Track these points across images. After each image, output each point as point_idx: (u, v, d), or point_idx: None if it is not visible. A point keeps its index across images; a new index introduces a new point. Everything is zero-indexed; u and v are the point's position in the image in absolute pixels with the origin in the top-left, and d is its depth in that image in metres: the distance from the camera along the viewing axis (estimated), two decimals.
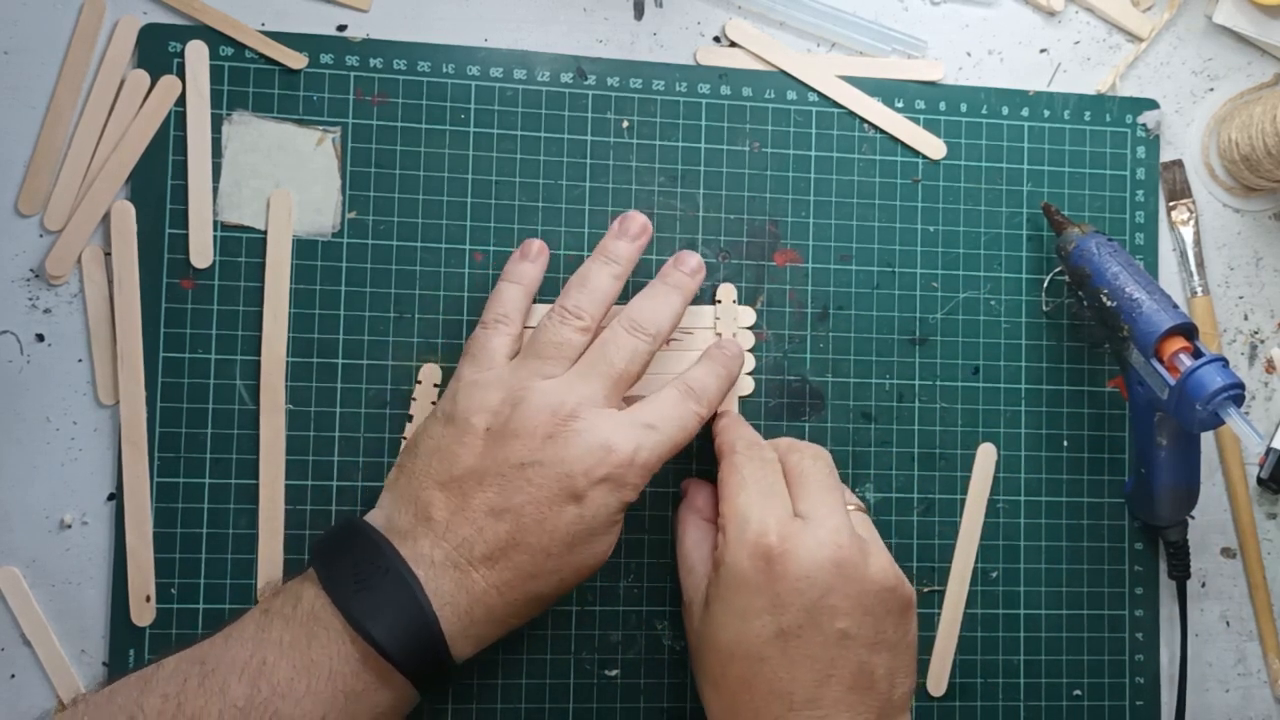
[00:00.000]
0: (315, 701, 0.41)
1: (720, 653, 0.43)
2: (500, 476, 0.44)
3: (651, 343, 0.48)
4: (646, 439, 0.45)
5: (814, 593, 0.42)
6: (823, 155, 0.55)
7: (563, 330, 0.47)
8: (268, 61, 0.51)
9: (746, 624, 0.43)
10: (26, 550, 0.49)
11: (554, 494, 0.43)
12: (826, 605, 0.42)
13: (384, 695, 0.43)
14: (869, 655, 0.43)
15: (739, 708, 0.43)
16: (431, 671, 0.43)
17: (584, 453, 0.43)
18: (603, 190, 0.53)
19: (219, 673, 0.41)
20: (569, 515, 0.43)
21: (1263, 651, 0.58)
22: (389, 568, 0.43)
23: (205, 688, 0.41)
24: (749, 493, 0.45)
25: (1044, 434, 0.56)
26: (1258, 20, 0.58)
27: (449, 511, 0.44)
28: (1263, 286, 0.59)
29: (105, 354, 0.50)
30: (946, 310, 0.56)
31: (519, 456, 0.44)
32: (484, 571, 0.43)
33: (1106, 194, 0.57)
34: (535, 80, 0.53)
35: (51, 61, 0.50)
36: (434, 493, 0.44)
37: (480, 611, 0.43)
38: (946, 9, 0.57)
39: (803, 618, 0.42)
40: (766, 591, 0.42)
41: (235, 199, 0.51)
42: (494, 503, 0.43)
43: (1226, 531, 0.58)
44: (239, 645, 0.42)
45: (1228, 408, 0.47)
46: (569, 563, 0.44)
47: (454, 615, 0.43)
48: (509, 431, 0.44)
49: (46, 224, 0.50)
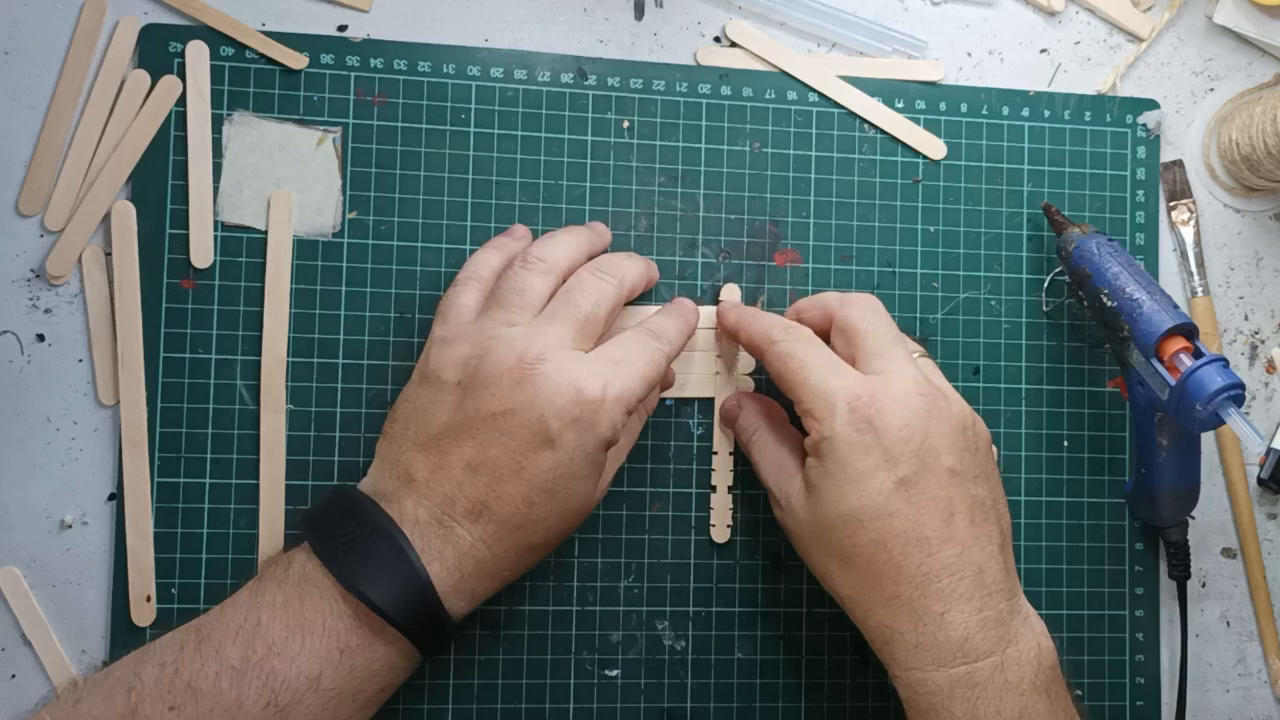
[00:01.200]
0: (311, 658, 0.41)
1: (846, 524, 0.44)
2: (475, 430, 0.43)
3: (618, 286, 0.47)
4: (615, 375, 0.44)
5: (917, 438, 0.44)
6: (823, 155, 0.55)
7: (526, 276, 0.47)
8: (268, 62, 0.51)
9: (865, 486, 0.43)
10: (27, 550, 0.49)
11: (528, 440, 0.43)
12: (931, 447, 0.44)
13: (380, 652, 0.43)
14: (975, 487, 0.45)
15: (879, 568, 0.44)
16: (426, 627, 0.43)
17: (553, 394, 0.43)
18: (603, 190, 0.53)
19: (214, 637, 0.42)
20: (545, 461, 0.43)
21: (1263, 651, 0.58)
22: (375, 526, 0.43)
23: (201, 651, 0.41)
24: (816, 370, 0.46)
25: (1044, 434, 0.56)
26: (1258, 20, 0.58)
27: (429, 470, 0.44)
28: (1263, 286, 0.59)
29: (106, 354, 0.50)
30: (946, 310, 0.56)
31: (490, 407, 0.43)
32: (468, 526, 0.43)
33: (1107, 194, 0.57)
34: (535, 80, 0.53)
35: (52, 62, 0.50)
36: (414, 455, 0.44)
37: (470, 565, 0.44)
38: (947, 9, 0.57)
39: (915, 463, 0.44)
40: (875, 450, 0.44)
41: (236, 199, 0.51)
42: (471, 457, 0.43)
43: (1227, 531, 0.58)
44: (234, 611, 0.43)
45: (1228, 408, 0.47)
46: (554, 510, 0.44)
47: (443, 570, 0.43)
48: (478, 383, 0.44)
49: (47, 224, 0.50)
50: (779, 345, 0.47)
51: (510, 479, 0.43)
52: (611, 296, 0.47)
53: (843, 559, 0.45)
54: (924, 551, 0.43)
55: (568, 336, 0.45)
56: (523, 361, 0.44)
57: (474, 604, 0.45)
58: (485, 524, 0.43)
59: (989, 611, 0.43)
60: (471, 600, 0.45)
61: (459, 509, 0.43)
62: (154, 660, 0.42)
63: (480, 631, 0.52)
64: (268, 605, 0.42)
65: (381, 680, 0.44)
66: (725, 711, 0.53)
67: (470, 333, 0.46)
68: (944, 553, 0.43)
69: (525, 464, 0.43)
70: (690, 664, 0.53)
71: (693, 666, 0.53)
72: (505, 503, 0.43)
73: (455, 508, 0.43)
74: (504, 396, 0.43)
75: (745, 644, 0.53)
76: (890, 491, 0.43)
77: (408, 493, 0.44)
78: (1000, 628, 0.43)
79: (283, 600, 0.42)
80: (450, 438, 0.44)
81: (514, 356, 0.44)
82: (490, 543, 0.44)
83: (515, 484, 0.43)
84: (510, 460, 0.43)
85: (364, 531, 0.43)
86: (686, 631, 0.53)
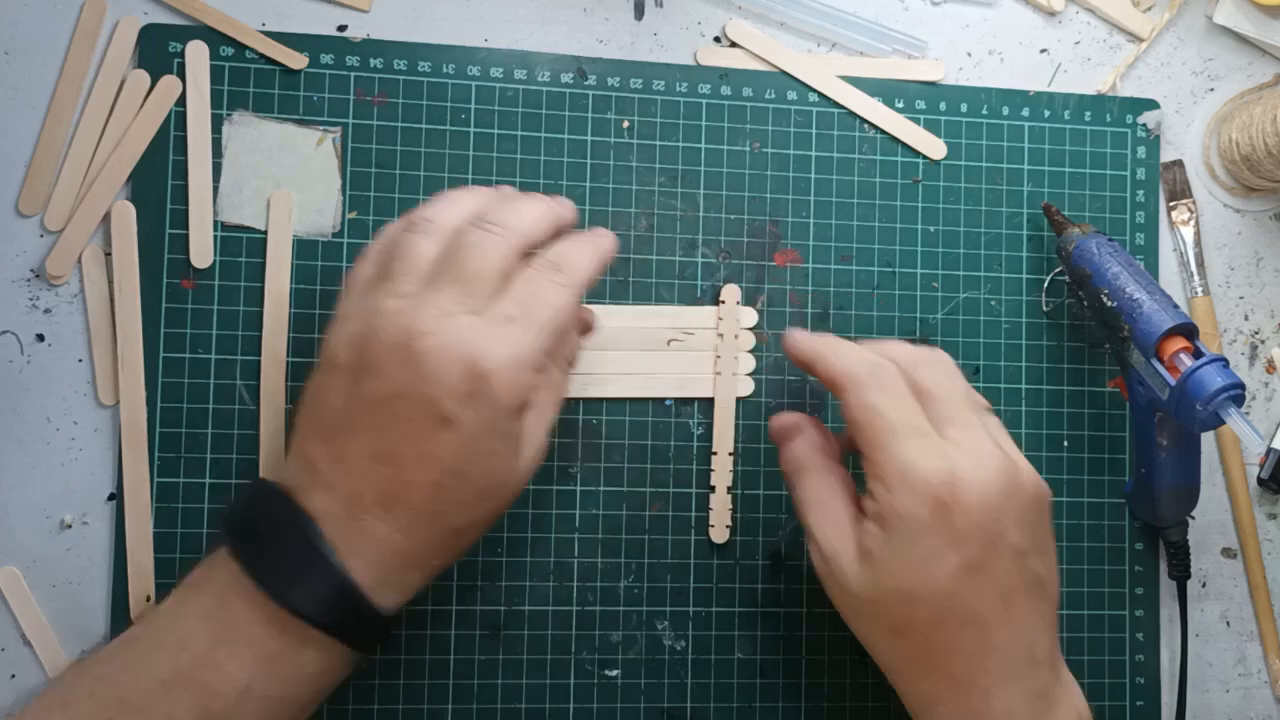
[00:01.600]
0: (239, 667, 0.40)
1: (904, 600, 0.42)
2: (368, 417, 0.40)
3: (506, 235, 0.42)
4: (509, 336, 0.40)
5: (990, 523, 0.41)
6: (823, 155, 0.55)
7: (410, 240, 0.42)
8: (268, 62, 0.51)
9: (929, 566, 0.41)
10: (27, 550, 0.49)
11: (423, 425, 0.40)
12: (1000, 529, 0.42)
13: (310, 656, 0.41)
14: (1036, 564, 0.43)
15: (933, 646, 0.42)
16: (356, 626, 0.41)
17: (442, 372, 0.39)
18: (603, 190, 0.53)
19: (143, 649, 0.41)
20: (447, 444, 0.40)
21: (1263, 651, 0.58)
22: (290, 524, 0.41)
23: (131, 665, 0.41)
24: (900, 437, 0.42)
25: (1044, 434, 0.56)
26: (1258, 20, 0.58)
27: (331, 462, 0.41)
28: (1263, 287, 0.59)
29: (105, 354, 0.50)
30: (946, 310, 0.56)
31: (379, 391, 0.40)
32: (381, 517, 0.41)
33: (1107, 194, 0.57)
34: (535, 80, 0.53)
35: (52, 62, 0.50)
36: (316, 446, 0.42)
37: (390, 558, 0.41)
38: (947, 9, 0.57)
39: (984, 547, 0.41)
40: (945, 533, 0.41)
41: (235, 199, 0.51)
42: (370, 447, 0.40)
43: (1227, 532, 0.58)
44: (161, 620, 0.42)
45: (1228, 408, 0.47)
46: (469, 491, 0.41)
47: (364, 565, 0.41)
48: (364, 366, 0.40)
49: (47, 224, 0.50)
50: (865, 395, 0.43)
51: (413, 466, 0.40)
52: (500, 248, 0.42)
53: (893, 631, 0.43)
54: (981, 632, 0.42)
55: (455, 302, 0.41)
56: (407, 338, 0.40)
57: (409, 595, 0.43)
58: (398, 514, 0.41)
59: (1035, 685, 0.42)
60: (404, 591, 0.43)
61: (367, 501, 0.41)
62: (88, 674, 0.41)
63: (480, 632, 0.52)
64: (194, 613, 0.41)
65: (316, 683, 0.42)
66: (725, 711, 0.53)
67: (360, 308, 0.42)
68: (1000, 633, 0.42)
69: (426, 449, 0.40)
70: (690, 664, 0.53)
71: (693, 666, 0.53)
72: (414, 491, 0.40)
73: (363, 500, 0.41)
74: (392, 379, 0.40)
75: (745, 644, 0.53)
76: (953, 574, 0.41)
77: (316, 486, 0.41)
78: (1043, 701, 0.43)
79: (207, 607, 0.41)
80: (347, 427, 0.41)
81: (397, 333, 0.40)
82: (408, 532, 0.41)
83: (420, 471, 0.40)
84: (409, 447, 0.40)
85: (280, 530, 0.41)
86: (686, 631, 0.53)
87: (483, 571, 0.52)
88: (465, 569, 0.52)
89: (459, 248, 0.42)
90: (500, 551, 0.52)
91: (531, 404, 0.43)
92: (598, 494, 0.53)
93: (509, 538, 0.52)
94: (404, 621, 0.51)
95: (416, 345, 0.40)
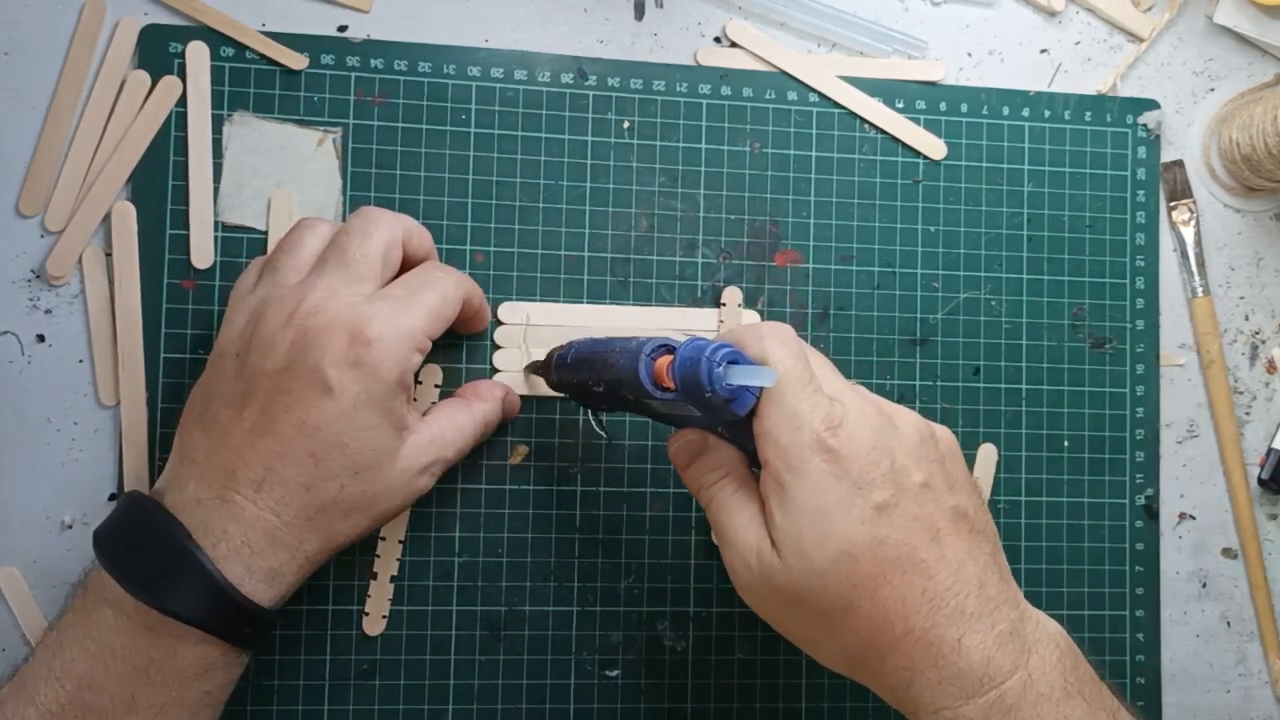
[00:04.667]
0: (119, 683, 0.40)
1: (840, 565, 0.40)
2: (255, 392, 0.42)
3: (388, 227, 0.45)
4: (395, 312, 0.43)
5: (884, 460, 0.40)
6: (823, 155, 0.55)
7: (294, 235, 0.46)
8: (268, 62, 0.51)
9: (844, 517, 0.40)
10: (27, 550, 0.49)
11: (306, 392, 0.41)
12: (900, 468, 0.41)
13: (189, 658, 0.41)
14: (953, 498, 0.42)
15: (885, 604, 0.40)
16: (230, 619, 0.41)
17: (328, 341, 0.42)
18: (603, 190, 0.53)
19: (29, 683, 0.41)
20: (328, 411, 0.41)
21: (1263, 652, 0.58)
22: (152, 520, 0.41)
23: (19, 700, 0.41)
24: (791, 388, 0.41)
25: (1044, 434, 0.56)
26: (1258, 20, 0.58)
27: (209, 445, 0.42)
28: (1264, 287, 0.59)
29: (106, 355, 0.50)
30: (946, 310, 0.56)
31: (269, 365, 0.42)
32: (252, 495, 0.41)
33: (1107, 194, 0.57)
34: (536, 81, 0.53)
35: (52, 62, 0.50)
36: (195, 434, 0.43)
37: (258, 539, 0.41)
38: (947, 9, 0.57)
39: (888, 487, 0.40)
40: (846, 481, 0.40)
41: (236, 200, 0.51)
42: (252, 421, 0.42)
43: (1227, 532, 0.58)
44: (45, 651, 0.42)
45: (729, 371, 0.40)
46: (344, 464, 0.42)
47: (229, 550, 0.41)
48: (255, 346, 0.42)
49: (47, 225, 0.50)
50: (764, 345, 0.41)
51: (293, 435, 0.41)
52: (382, 236, 0.45)
53: (844, 608, 0.41)
54: (923, 575, 0.40)
55: (340, 284, 0.43)
56: (297, 316, 0.42)
57: (281, 585, 0.43)
58: (270, 489, 0.42)
59: (1001, 625, 0.41)
60: (274, 580, 0.42)
61: (241, 478, 0.41)
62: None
63: (480, 632, 0.52)
64: (71, 637, 0.41)
65: (203, 684, 0.42)
66: (725, 711, 0.53)
67: (248, 303, 0.44)
68: (942, 573, 0.40)
69: (307, 417, 0.41)
70: (690, 664, 0.53)
71: (693, 667, 0.53)
72: (289, 462, 0.41)
73: (237, 478, 0.41)
74: (281, 354, 0.42)
75: (745, 644, 0.53)
76: (871, 518, 0.40)
77: (189, 474, 0.42)
78: (1017, 640, 0.41)
79: (83, 628, 0.41)
80: (233, 407, 0.42)
81: (287, 314, 0.42)
82: (278, 509, 0.42)
83: (298, 440, 0.41)
84: (291, 416, 0.41)
85: (144, 533, 0.41)
86: (686, 632, 0.53)
87: (483, 571, 0.52)
88: (465, 569, 0.52)
89: (342, 238, 0.45)
90: (500, 551, 0.52)
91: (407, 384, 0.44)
92: (598, 494, 0.53)
93: (509, 538, 0.52)
94: (405, 622, 0.51)
95: (305, 321, 0.42)
